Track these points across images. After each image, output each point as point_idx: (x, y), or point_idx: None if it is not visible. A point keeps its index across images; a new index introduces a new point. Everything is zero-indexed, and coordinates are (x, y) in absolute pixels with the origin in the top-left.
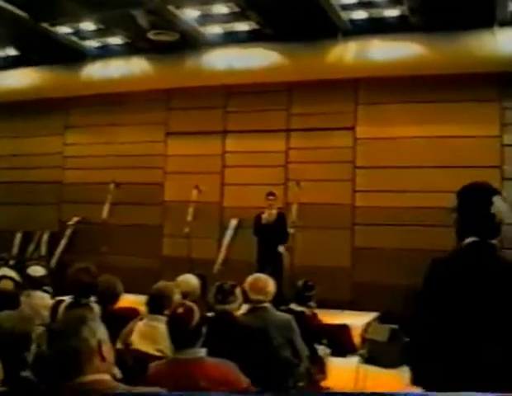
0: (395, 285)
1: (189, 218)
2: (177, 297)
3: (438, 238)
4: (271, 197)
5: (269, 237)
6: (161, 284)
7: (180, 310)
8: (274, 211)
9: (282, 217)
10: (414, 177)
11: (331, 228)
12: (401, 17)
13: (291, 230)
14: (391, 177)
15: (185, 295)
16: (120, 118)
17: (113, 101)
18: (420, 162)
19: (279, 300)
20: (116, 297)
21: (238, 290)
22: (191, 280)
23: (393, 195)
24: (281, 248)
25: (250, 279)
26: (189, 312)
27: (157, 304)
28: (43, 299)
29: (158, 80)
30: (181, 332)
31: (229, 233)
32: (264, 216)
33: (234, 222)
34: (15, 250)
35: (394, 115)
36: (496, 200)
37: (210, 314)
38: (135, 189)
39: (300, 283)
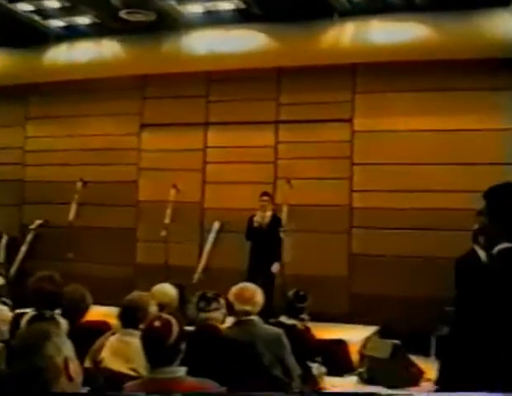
0: (397, 295)
1: (166, 220)
2: (152, 309)
3: (446, 243)
4: (264, 198)
5: (262, 243)
6: (135, 294)
7: (157, 323)
8: (268, 214)
9: (276, 221)
10: (418, 175)
11: (326, 231)
12: None
13: (281, 235)
14: (392, 175)
15: (161, 307)
16: (89, 108)
17: (81, 89)
18: (426, 159)
19: (268, 312)
20: (84, 309)
21: (222, 300)
22: (168, 290)
23: (395, 196)
24: (275, 267)
25: (236, 288)
26: (167, 325)
27: (130, 317)
28: (1, 312)
29: (131, 65)
30: (158, 349)
31: (210, 238)
32: (256, 219)
33: (216, 225)
34: None
35: (396, 106)
36: None
37: (190, 328)
38: (104, 188)
39: (291, 293)
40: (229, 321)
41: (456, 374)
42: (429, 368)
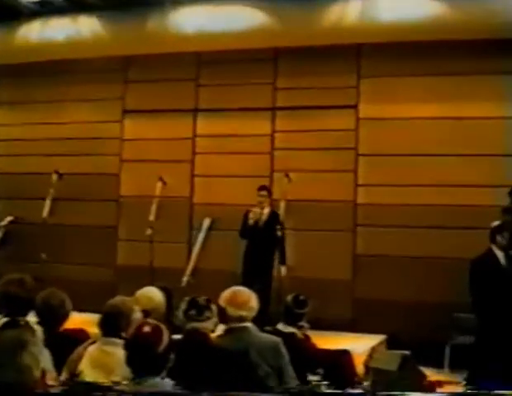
0: (406, 301)
1: (151, 217)
2: (137, 316)
3: (460, 242)
4: (262, 192)
5: (258, 242)
6: (117, 299)
7: (146, 329)
8: (266, 210)
9: (275, 218)
10: (430, 168)
11: (327, 230)
12: None
13: (278, 233)
14: (401, 168)
15: (147, 314)
16: (65, 92)
17: (55, 71)
18: (439, 149)
19: (264, 319)
20: (63, 316)
21: (214, 306)
22: (154, 294)
23: (404, 190)
24: (283, 271)
25: (228, 292)
26: (157, 332)
27: (112, 324)
28: None
29: (112, 45)
30: (146, 356)
31: (200, 237)
32: (251, 215)
33: (206, 222)
34: None
35: (406, 91)
36: None
37: (177, 336)
38: (82, 181)
39: (289, 298)
40: (221, 328)
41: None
42: (443, 380)
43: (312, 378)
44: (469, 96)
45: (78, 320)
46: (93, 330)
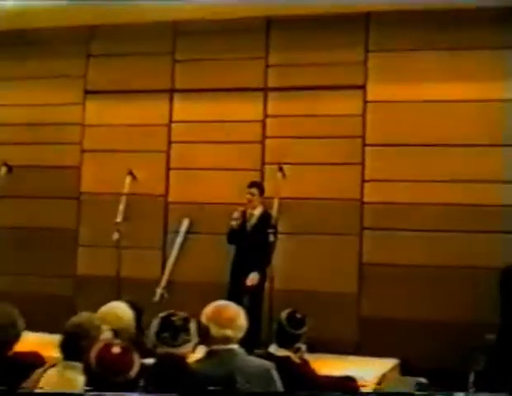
0: (422, 319)
1: (118, 218)
2: (105, 335)
3: (487, 248)
4: (253, 190)
5: (247, 249)
6: (82, 316)
7: (116, 350)
8: (257, 211)
9: (267, 220)
10: (451, 160)
11: (329, 233)
12: None
13: (270, 238)
14: (416, 159)
15: (115, 333)
16: (15, 68)
17: (3, 43)
18: (462, 138)
19: (253, 341)
20: (14, 338)
21: (193, 326)
22: (121, 311)
23: (420, 187)
24: (251, 279)
25: (211, 308)
26: (128, 353)
27: (75, 346)
28: None
29: (72, 13)
30: (114, 382)
31: (177, 242)
32: (235, 215)
33: (185, 224)
34: None
35: (422, 68)
36: None
37: (149, 361)
38: (35, 175)
39: (283, 316)
40: (201, 351)
41: None
42: None
43: None
44: (496, 74)
45: (31, 341)
46: (50, 353)
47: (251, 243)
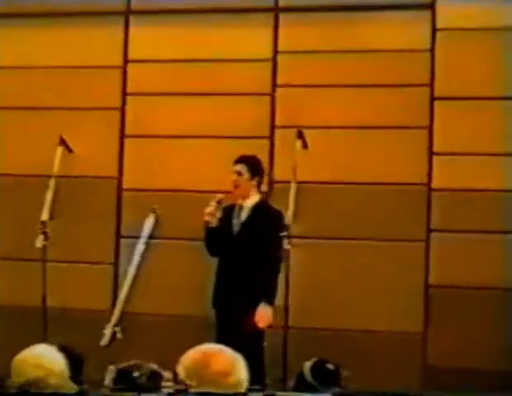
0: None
1: (44, 215)
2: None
3: None
4: (239, 167)
5: (235, 262)
6: None
7: None
8: (248, 203)
9: (268, 215)
10: None
11: (373, 239)
12: None
13: (284, 244)
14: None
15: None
16: None
17: None
18: None
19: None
20: None
21: (167, 378)
22: (47, 360)
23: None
24: (261, 315)
25: (194, 355)
26: None
27: None
28: None
29: None
30: None
31: (137, 251)
32: (209, 208)
33: (149, 223)
34: None
35: None
36: None
37: None
38: None
39: (307, 366)
40: None
41: None
42: None
43: None
44: None
45: None
46: None
47: (241, 252)
